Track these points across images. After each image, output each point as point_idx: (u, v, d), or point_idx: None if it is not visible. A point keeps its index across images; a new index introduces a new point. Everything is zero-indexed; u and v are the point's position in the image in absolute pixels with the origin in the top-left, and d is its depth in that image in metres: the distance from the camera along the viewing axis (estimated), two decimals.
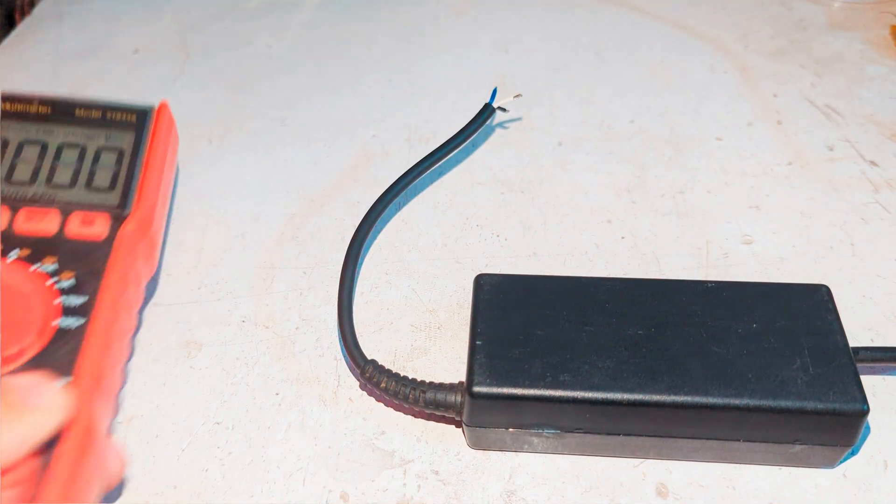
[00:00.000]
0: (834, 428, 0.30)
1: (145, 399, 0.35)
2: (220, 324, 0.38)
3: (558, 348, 0.31)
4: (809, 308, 0.32)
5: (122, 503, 0.31)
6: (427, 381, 0.33)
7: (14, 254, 0.29)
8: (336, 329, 0.37)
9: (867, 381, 0.33)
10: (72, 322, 0.28)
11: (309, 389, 0.35)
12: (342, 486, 0.32)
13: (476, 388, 0.30)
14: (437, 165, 0.42)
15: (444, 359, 0.36)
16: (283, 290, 0.40)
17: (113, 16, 0.62)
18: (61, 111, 0.34)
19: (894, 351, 0.33)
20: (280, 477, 0.32)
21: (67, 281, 0.29)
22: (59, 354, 0.27)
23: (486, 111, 0.44)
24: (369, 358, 0.34)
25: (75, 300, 0.28)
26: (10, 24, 0.64)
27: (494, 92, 0.44)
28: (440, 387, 0.32)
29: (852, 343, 0.32)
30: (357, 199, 0.44)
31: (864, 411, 0.29)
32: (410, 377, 0.33)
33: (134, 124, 0.34)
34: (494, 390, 0.30)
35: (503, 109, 0.45)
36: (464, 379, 0.32)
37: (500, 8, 0.60)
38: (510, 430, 0.31)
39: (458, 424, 0.33)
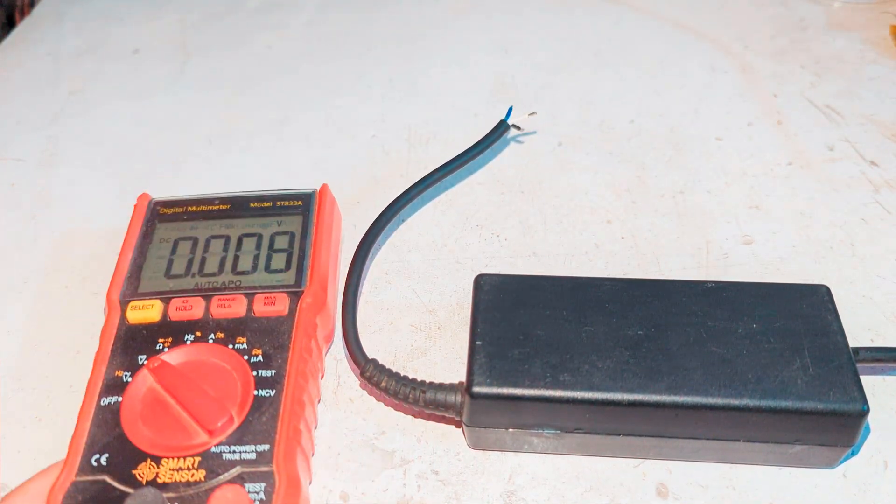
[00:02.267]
0: (834, 428, 0.30)
1: None
2: None
3: (558, 348, 0.31)
4: (809, 308, 0.32)
5: None
6: (427, 381, 0.33)
7: (212, 337, 0.33)
8: (336, 329, 0.37)
9: (867, 381, 0.33)
10: (266, 392, 0.31)
11: None
12: (342, 486, 0.32)
13: (476, 389, 0.30)
14: (447, 177, 0.43)
15: (444, 359, 0.36)
16: None
17: (113, 16, 0.62)
18: (238, 206, 0.38)
19: (894, 351, 0.33)
20: None
21: (256, 357, 0.32)
22: (261, 422, 0.30)
23: (501, 128, 0.44)
24: (370, 357, 0.34)
25: (266, 373, 0.31)
26: (10, 24, 0.64)
27: (510, 111, 0.45)
28: (440, 387, 0.32)
29: (852, 343, 0.32)
30: (357, 199, 0.44)
31: (864, 411, 0.29)
32: (410, 377, 0.33)
33: (300, 208, 0.38)
34: (494, 390, 0.30)
35: (517, 127, 0.45)
36: (464, 379, 0.32)
37: (500, 8, 0.60)
38: (510, 430, 0.31)
39: (458, 424, 0.33)
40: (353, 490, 0.32)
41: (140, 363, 0.32)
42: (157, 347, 0.32)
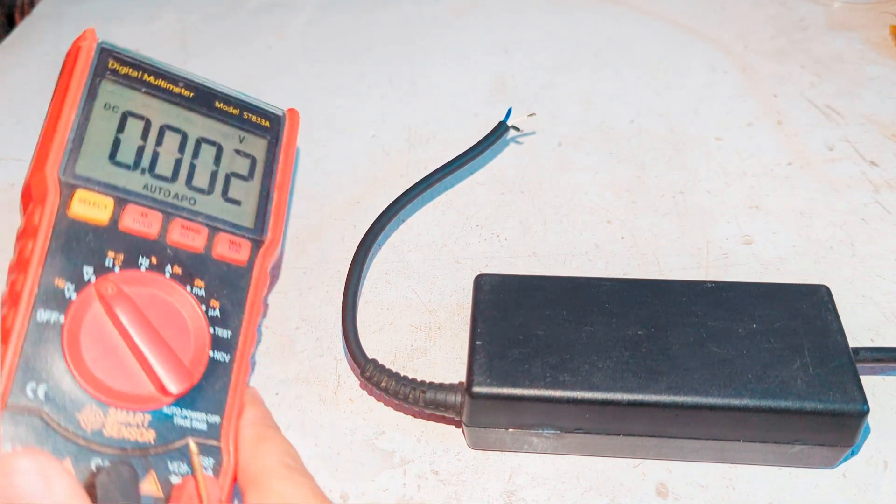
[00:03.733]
0: (834, 428, 0.30)
1: None
2: None
3: (558, 348, 0.31)
4: (809, 308, 0.32)
5: None
6: (427, 381, 0.33)
7: (169, 271, 0.29)
8: (336, 329, 0.37)
9: (867, 381, 0.33)
10: (221, 357, 0.29)
11: (309, 389, 0.35)
12: (342, 486, 0.32)
13: (476, 389, 0.30)
14: (447, 177, 0.43)
15: (444, 359, 0.36)
16: (283, 290, 0.40)
17: (113, 16, 0.62)
18: (202, 100, 0.33)
19: (894, 351, 0.33)
20: None
21: (214, 310, 0.29)
22: (214, 389, 0.28)
23: (500, 129, 0.44)
24: (370, 357, 0.34)
25: (223, 332, 0.29)
26: (10, 24, 0.64)
27: (509, 111, 0.44)
28: (440, 387, 0.32)
29: (852, 343, 0.32)
30: (357, 199, 0.44)
31: (864, 411, 0.29)
32: (410, 377, 0.33)
33: (267, 130, 0.34)
34: (494, 390, 0.30)
35: (517, 129, 0.45)
36: (464, 379, 0.32)
37: (500, 8, 0.60)
38: (510, 430, 0.31)
39: (458, 424, 0.33)
40: (353, 490, 0.32)
41: (85, 277, 0.27)
42: (107, 263, 0.27)
